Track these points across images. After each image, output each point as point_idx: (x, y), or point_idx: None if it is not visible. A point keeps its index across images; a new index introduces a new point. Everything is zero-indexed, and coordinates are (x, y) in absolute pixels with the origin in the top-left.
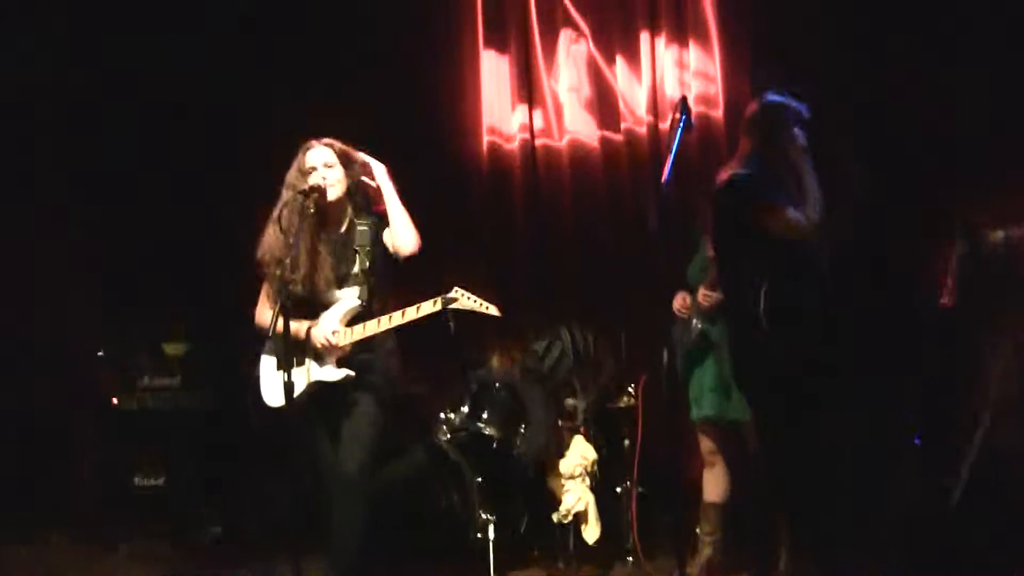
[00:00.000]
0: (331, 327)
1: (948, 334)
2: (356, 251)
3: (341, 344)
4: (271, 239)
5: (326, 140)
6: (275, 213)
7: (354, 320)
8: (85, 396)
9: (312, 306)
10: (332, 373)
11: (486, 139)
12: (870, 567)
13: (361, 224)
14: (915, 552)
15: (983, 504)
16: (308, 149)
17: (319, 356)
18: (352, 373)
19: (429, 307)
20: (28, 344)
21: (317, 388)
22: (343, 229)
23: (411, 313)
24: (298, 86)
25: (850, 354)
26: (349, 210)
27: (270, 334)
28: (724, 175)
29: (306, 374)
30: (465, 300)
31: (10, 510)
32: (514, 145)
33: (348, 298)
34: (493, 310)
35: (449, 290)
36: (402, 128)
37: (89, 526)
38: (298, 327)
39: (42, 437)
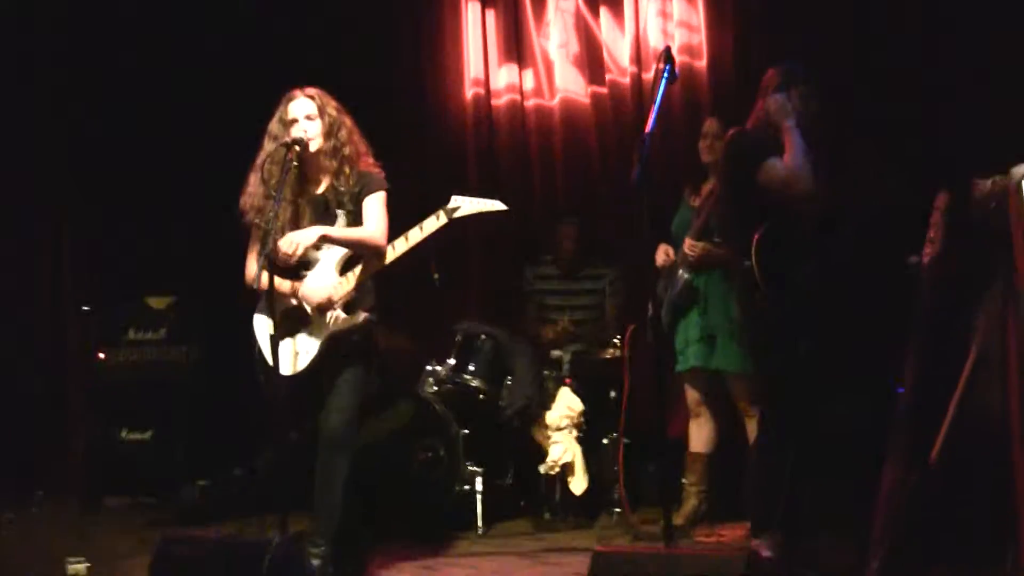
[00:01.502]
0: (327, 280)
1: (937, 285)
2: (338, 211)
3: (343, 293)
4: (252, 188)
5: (309, 90)
6: (257, 161)
7: (347, 268)
8: (71, 350)
9: (294, 266)
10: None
11: (470, 90)
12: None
13: (341, 185)
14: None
15: (959, 469)
16: (291, 100)
17: (309, 321)
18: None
19: (433, 223)
20: (13, 296)
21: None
22: (323, 188)
23: (415, 235)
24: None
25: (851, 324)
26: (333, 164)
27: (256, 286)
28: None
29: (303, 342)
30: (469, 205)
31: None
32: (500, 101)
33: (333, 252)
34: (499, 205)
35: (448, 200)
36: (381, 76)
37: (74, 480)
38: (284, 290)
39: (28, 391)
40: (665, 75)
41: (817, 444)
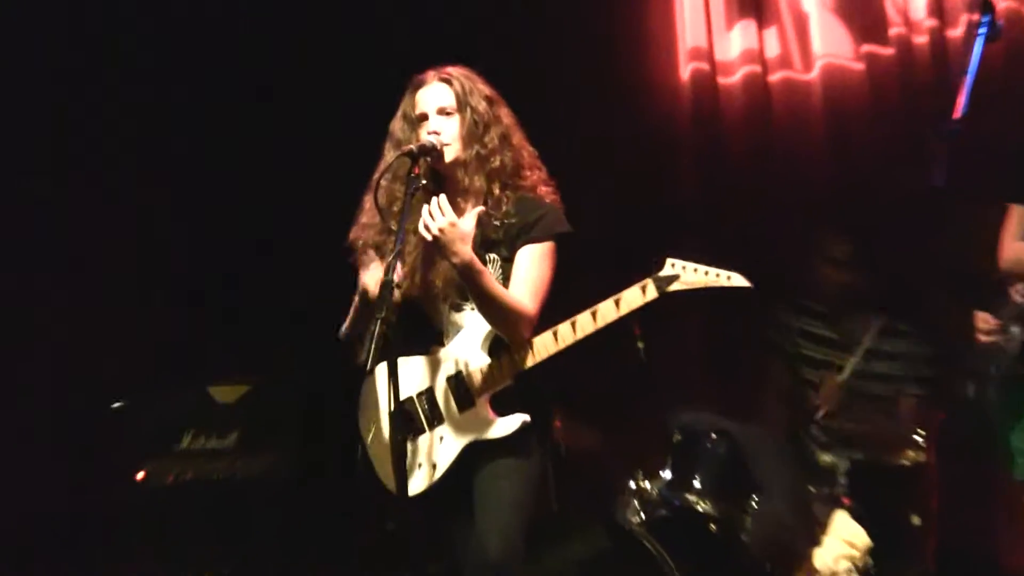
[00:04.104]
0: (471, 360)
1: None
2: (487, 255)
3: (493, 382)
4: (367, 217)
5: (447, 70)
6: (374, 178)
7: (496, 349)
8: (96, 465)
9: (423, 328)
10: (459, 440)
11: (687, 66)
12: None
13: (494, 216)
14: None
15: None
16: (419, 86)
17: (441, 414)
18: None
19: (637, 296)
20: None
21: (457, 464)
22: (471, 212)
23: (607, 313)
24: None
25: None
26: (478, 183)
27: (367, 367)
28: None
29: (434, 444)
30: (693, 276)
31: None
32: (734, 78)
33: (478, 324)
34: (740, 280)
35: (660, 265)
36: (554, 53)
37: None
38: (412, 365)
39: (28, 528)
40: (982, 31)
41: None
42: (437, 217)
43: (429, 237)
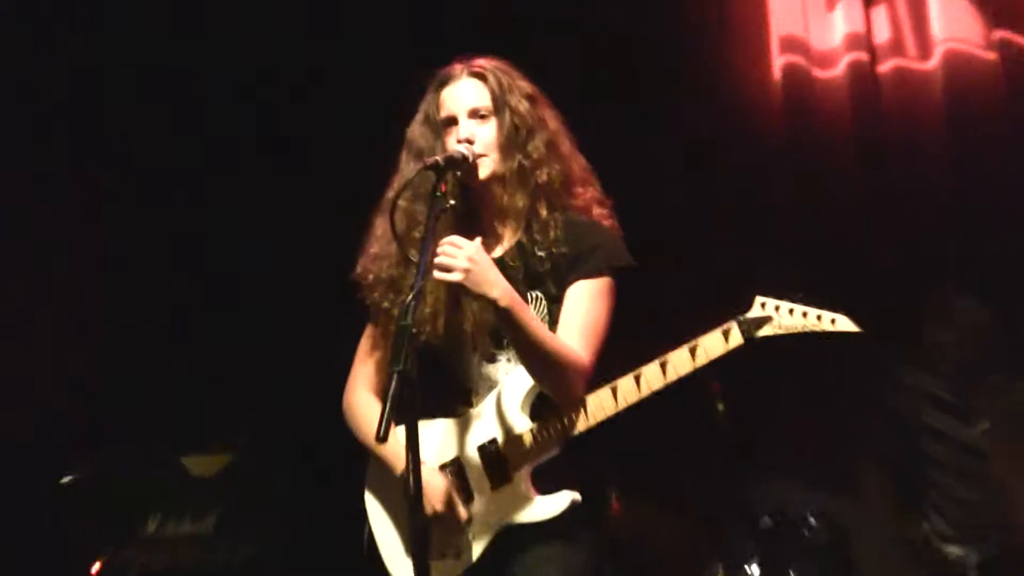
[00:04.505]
0: (509, 423)
1: None
2: (529, 292)
3: (536, 450)
4: (379, 245)
5: (478, 62)
6: (388, 196)
7: (540, 410)
8: (39, 563)
9: (448, 384)
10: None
11: (779, 59)
12: None
13: (538, 243)
14: None
15: None
16: (445, 83)
17: (470, 492)
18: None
19: (718, 343)
20: None
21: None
22: (505, 247)
23: (680, 364)
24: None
25: None
26: (519, 202)
27: (379, 433)
28: None
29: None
30: (785, 316)
31: None
32: (836, 70)
33: (517, 379)
34: (846, 324)
35: (748, 304)
36: (617, 50)
37: None
38: (434, 430)
39: None
40: None
41: None
42: (455, 251)
43: (451, 278)
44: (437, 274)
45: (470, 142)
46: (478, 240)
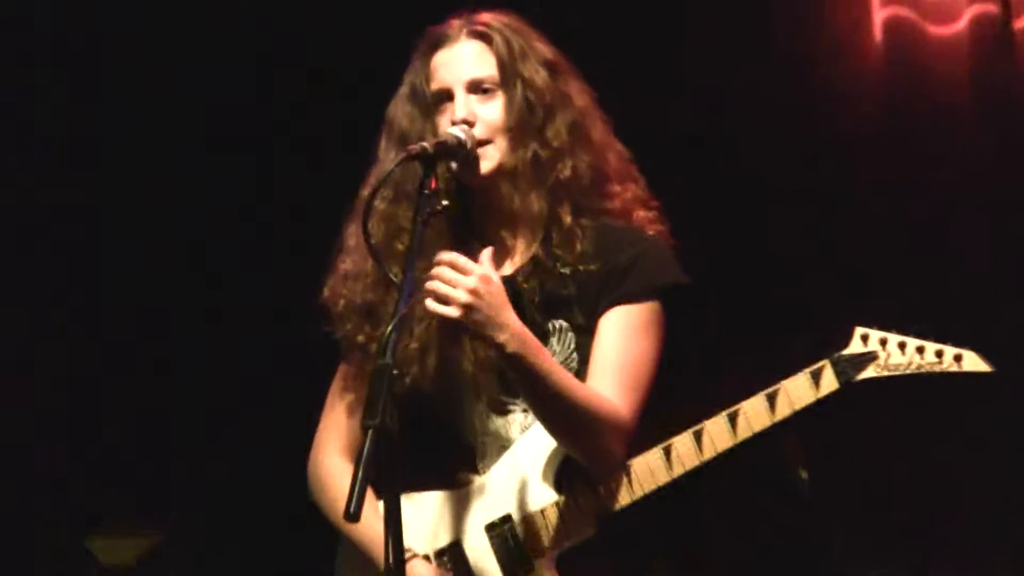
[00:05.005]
0: (528, 495)
1: None
2: (549, 323)
3: (566, 530)
4: (353, 260)
5: (482, 18)
6: (362, 195)
7: (567, 478)
8: None
9: (443, 443)
10: None
11: (880, 12)
12: None
13: (559, 259)
14: None
15: None
16: (437, 44)
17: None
18: None
19: (806, 388)
20: None
21: None
22: (516, 263)
23: (755, 416)
24: None
25: None
26: (536, 206)
27: (349, 506)
28: None
29: None
30: (895, 353)
31: None
32: (957, 26)
33: (536, 436)
34: (974, 361)
35: (846, 336)
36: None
37: None
38: (426, 505)
39: None
40: None
41: None
42: (454, 277)
43: (446, 313)
44: (430, 304)
45: (469, 123)
46: (487, 261)
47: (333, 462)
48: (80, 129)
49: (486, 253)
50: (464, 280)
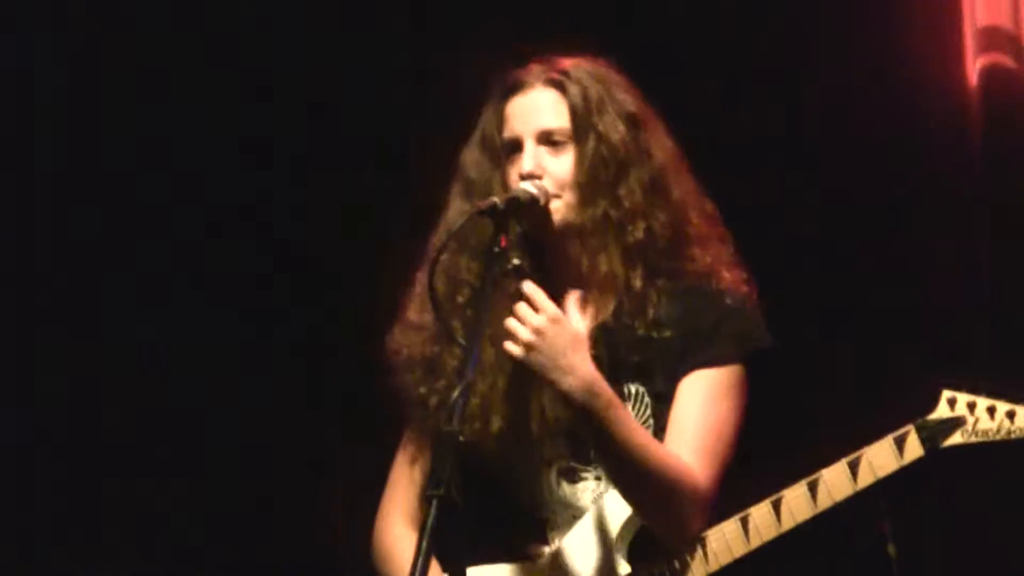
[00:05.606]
0: (600, 568)
1: None
2: (626, 387)
3: None
4: (417, 311)
5: (560, 64)
6: (432, 248)
7: (643, 550)
8: None
9: (510, 512)
10: None
11: (978, 59)
12: None
13: (635, 320)
14: None
15: None
16: (512, 89)
17: None
18: None
19: (889, 456)
20: None
21: None
22: (588, 325)
23: (836, 486)
24: None
25: None
26: (609, 266)
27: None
28: None
29: None
30: (984, 417)
31: None
32: None
33: (609, 506)
34: None
35: (932, 399)
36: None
37: None
38: None
39: None
40: None
41: None
42: (529, 313)
43: (512, 351)
44: (507, 346)
45: (536, 177)
46: (571, 307)
47: (397, 532)
48: (80, 129)
49: (571, 299)
50: (532, 317)
